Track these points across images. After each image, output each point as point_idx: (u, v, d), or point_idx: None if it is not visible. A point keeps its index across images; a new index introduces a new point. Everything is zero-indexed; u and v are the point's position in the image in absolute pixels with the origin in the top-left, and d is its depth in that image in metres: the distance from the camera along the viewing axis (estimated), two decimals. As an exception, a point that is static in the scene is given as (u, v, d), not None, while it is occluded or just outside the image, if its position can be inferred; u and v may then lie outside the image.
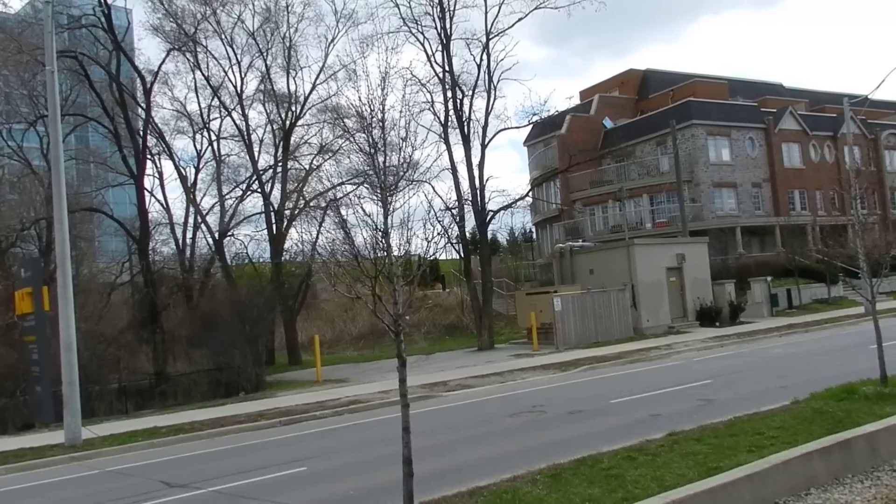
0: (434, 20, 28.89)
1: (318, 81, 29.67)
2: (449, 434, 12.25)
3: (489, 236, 64.68)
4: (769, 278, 32.95)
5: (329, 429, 14.27)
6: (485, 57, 29.15)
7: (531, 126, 51.16)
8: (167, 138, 30.36)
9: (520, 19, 28.59)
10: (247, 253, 32.54)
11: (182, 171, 31.04)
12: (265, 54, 28.83)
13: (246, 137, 29.92)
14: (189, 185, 30.90)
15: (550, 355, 24.32)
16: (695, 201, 40.78)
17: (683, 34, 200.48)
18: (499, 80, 29.65)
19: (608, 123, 47.25)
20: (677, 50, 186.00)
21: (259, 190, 29.78)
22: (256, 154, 30.86)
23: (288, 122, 29.56)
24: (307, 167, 32.40)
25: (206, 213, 31.19)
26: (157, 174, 31.17)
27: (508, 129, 29.33)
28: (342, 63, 30.26)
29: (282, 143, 29.83)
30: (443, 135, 29.74)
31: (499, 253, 61.81)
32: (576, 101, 46.33)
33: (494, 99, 29.53)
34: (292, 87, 30.26)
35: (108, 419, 17.99)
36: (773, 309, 32.67)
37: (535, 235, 54.05)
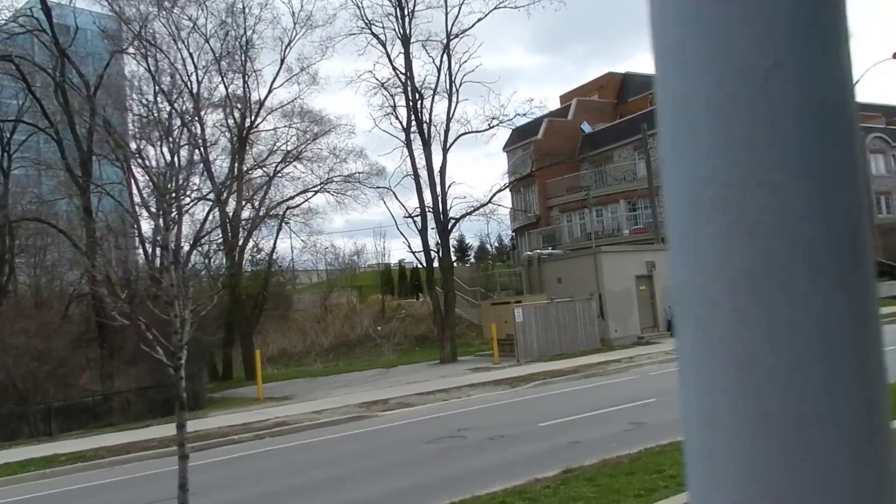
0: (395, 21, 28.05)
1: (274, 85, 28.75)
2: (355, 464, 11.23)
3: (456, 243, 63.96)
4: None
5: (239, 455, 13.23)
6: (446, 59, 28.29)
7: (511, 132, 50.51)
8: (140, 145, 29.32)
9: (479, 20, 27.71)
10: (206, 264, 31.40)
11: (136, 179, 30.00)
12: (219, 58, 27.88)
13: (201, 144, 28.88)
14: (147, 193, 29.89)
15: (509, 369, 23.30)
16: (672, 207, 39.81)
17: None
18: (461, 84, 28.79)
19: (586, 128, 46.37)
20: None
21: (213, 199, 28.68)
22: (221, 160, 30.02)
23: (245, 128, 28.59)
24: (270, 174, 31.58)
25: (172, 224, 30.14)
26: (126, 182, 30.23)
27: (469, 133, 28.39)
28: (301, 66, 29.51)
29: (237, 150, 28.84)
30: (405, 140, 28.86)
31: (486, 260, 60.97)
32: (550, 104, 45.55)
33: (457, 102, 28.66)
34: (252, 93, 29.34)
35: (24, 443, 16.95)
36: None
37: (515, 242, 53.10)
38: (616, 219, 41.19)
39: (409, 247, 29.02)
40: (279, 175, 31.29)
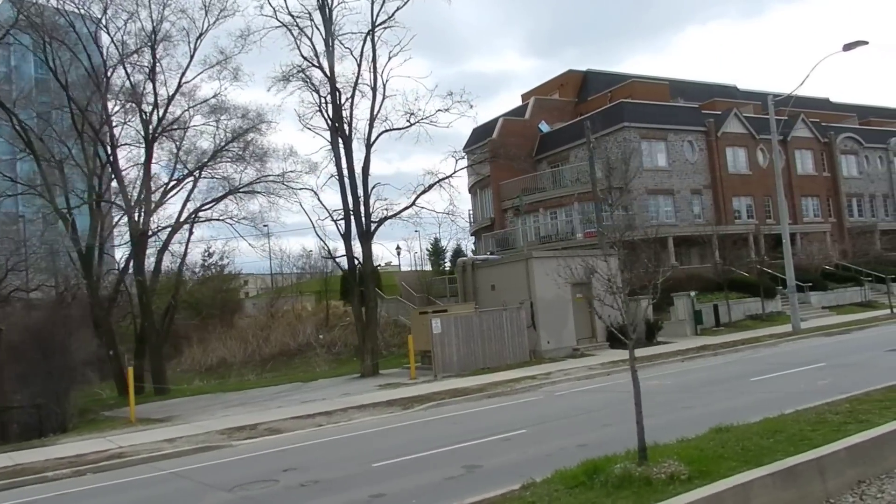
0: (318, 12, 26.16)
1: (183, 82, 26.84)
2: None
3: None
4: (693, 293, 30.12)
5: (29, 500, 11.31)
6: (369, 52, 26.42)
7: (471, 132, 48.66)
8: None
9: (398, 8, 25.78)
10: (117, 271, 29.49)
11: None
12: (123, 54, 25.98)
13: (108, 146, 26.98)
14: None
15: (420, 385, 21.41)
16: (627, 209, 38.02)
17: (670, 44, 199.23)
18: (388, 78, 26.92)
19: (544, 127, 44.60)
20: (664, 60, 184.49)
21: (122, 204, 26.83)
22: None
23: (151, 129, 26.64)
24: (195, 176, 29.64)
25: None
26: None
27: (391, 130, 26.45)
28: (216, 60, 27.62)
29: (146, 152, 26.91)
30: (331, 139, 26.97)
31: (440, 266, 58.96)
32: (510, 103, 43.68)
33: (383, 98, 26.80)
34: (162, 92, 27.40)
35: None
36: (698, 327, 29.85)
37: (473, 246, 51.25)
38: (570, 222, 39.36)
39: (329, 252, 27.14)
40: (202, 177, 29.36)
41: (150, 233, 26.59)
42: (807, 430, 8.93)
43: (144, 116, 26.58)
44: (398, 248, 55.59)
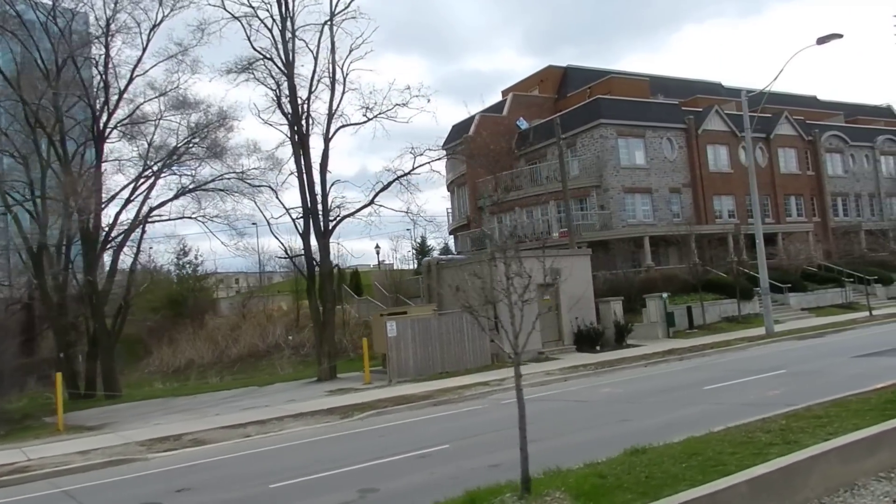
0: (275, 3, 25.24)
1: (135, 75, 25.90)
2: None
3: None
4: (665, 294, 29.26)
5: None
6: (328, 43, 25.51)
7: (451, 129, 47.77)
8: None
9: (358, -4, 24.85)
10: (72, 272, 28.49)
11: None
12: (72, 46, 25.01)
13: (57, 142, 26.00)
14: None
15: (373, 391, 20.57)
16: (603, 208, 37.20)
17: (668, 42, 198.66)
18: (348, 71, 25.97)
19: (522, 124, 43.68)
20: (662, 58, 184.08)
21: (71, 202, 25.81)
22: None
23: (101, 124, 25.68)
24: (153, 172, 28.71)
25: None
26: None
27: (348, 125, 25.58)
28: (171, 53, 26.67)
29: (96, 145, 25.94)
30: (290, 135, 26.07)
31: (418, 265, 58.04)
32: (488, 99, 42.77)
33: (344, 91, 25.91)
34: (122, 86, 26.44)
35: None
36: (670, 329, 28.99)
37: (452, 245, 50.42)
38: (547, 220, 38.50)
39: (287, 251, 26.23)
40: (163, 175, 28.39)
41: (101, 231, 25.62)
42: (726, 454, 8.06)
43: (94, 111, 25.62)
44: (377, 246, 54.48)
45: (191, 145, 28.48)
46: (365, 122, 24.96)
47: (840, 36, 24.16)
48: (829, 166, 48.63)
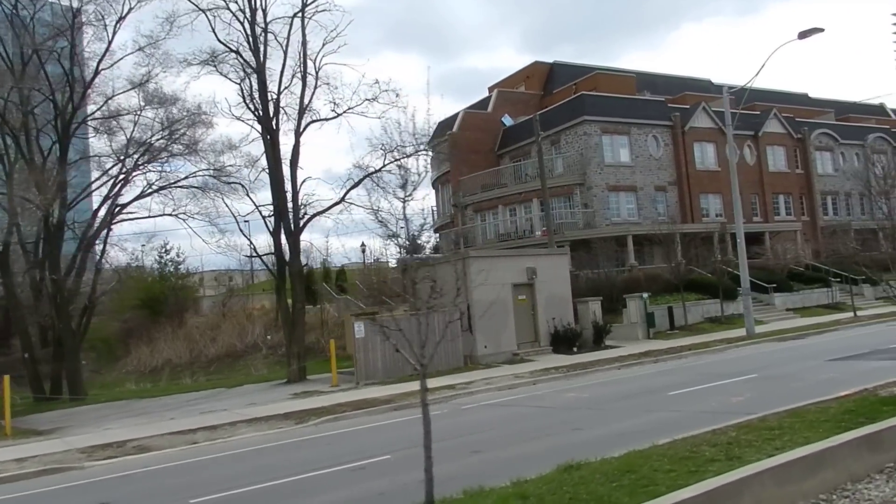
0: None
1: (101, 67, 25.25)
2: None
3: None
4: (645, 295, 28.69)
5: None
6: (299, 35, 24.90)
7: (436, 126, 47.10)
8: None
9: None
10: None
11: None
12: (35, 39, 24.35)
13: (22, 138, 25.35)
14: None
15: (337, 394, 20.01)
16: (587, 206, 36.63)
17: (666, 41, 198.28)
18: (321, 64, 25.34)
19: (507, 121, 43.10)
20: (660, 57, 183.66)
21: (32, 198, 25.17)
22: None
23: (67, 117, 25.04)
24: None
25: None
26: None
27: (319, 120, 24.94)
28: (139, 46, 26.03)
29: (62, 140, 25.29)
30: (261, 131, 25.45)
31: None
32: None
33: (316, 86, 25.28)
34: (82, 77, 25.78)
35: None
36: (651, 330, 28.43)
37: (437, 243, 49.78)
38: (530, 219, 37.92)
39: (255, 249, 25.63)
40: (134, 172, 27.76)
41: (64, 228, 25.01)
42: (662, 471, 7.49)
43: (57, 106, 24.98)
44: (363, 245, 53.69)
45: (162, 141, 27.89)
46: (334, 117, 24.40)
47: (821, 30, 23.60)
48: (818, 164, 48.11)
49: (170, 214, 28.46)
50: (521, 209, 38.21)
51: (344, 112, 23.93)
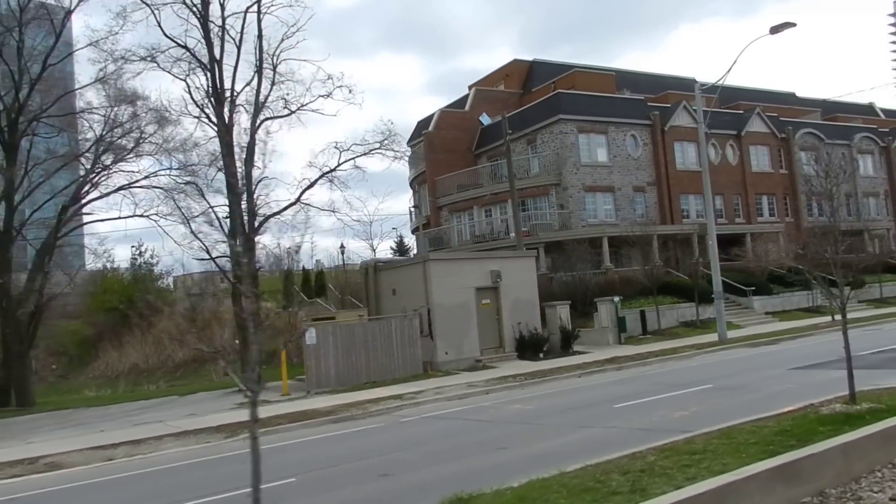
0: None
1: (49, 61, 24.34)
2: None
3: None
4: (616, 299, 27.84)
5: None
6: (255, 28, 24.02)
7: (415, 125, 46.25)
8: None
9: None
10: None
11: None
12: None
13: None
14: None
15: (285, 404, 19.15)
16: (563, 207, 35.80)
17: (664, 41, 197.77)
18: (278, 60, 24.44)
19: (485, 120, 42.25)
20: (658, 57, 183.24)
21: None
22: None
23: (12, 116, 24.14)
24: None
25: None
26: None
27: (273, 118, 24.10)
28: (91, 40, 25.13)
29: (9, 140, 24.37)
30: (218, 130, 24.56)
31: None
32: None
33: (273, 83, 24.41)
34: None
35: None
36: (622, 335, 27.59)
37: (415, 244, 48.97)
38: (505, 220, 37.07)
39: (208, 252, 24.73)
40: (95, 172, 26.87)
41: (13, 231, 24.11)
42: (554, 506, 6.66)
43: (4, 104, 24.08)
44: (342, 246, 52.90)
45: (125, 140, 27.02)
46: (287, 115, 23.54)
47: (793, 25, 22.81)
48: (804, 164, 47.27)
49: (140, 216, 27.63)
50: (496, 210, 37.38)
51: (297, 110, 23.09)
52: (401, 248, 65.56)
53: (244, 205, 24.35)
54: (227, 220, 24.61)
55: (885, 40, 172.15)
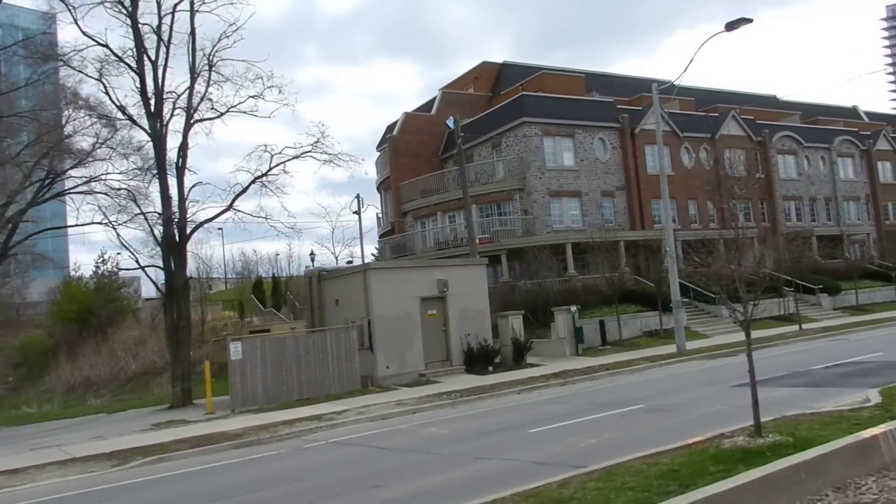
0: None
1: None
2: None
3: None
4: (573, 308, 26.65)
5: None
6: (180, 27, 22.86)
7: (385, 128, 45.09)
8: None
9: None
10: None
11: None
12: None
13: None
14: None
15: (201, 424, 17.90)
16: (527, 213, 34.65)
17: (659, 47, 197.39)
18: (215, 60, 23.27)
19: (452, 123, 41.03)
20: (653, 62, 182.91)
21: None
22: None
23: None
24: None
25: None
26: None
27: (203, 120, 22.89)
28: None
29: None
30: (150, 132, 23.38)
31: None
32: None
33: (208, 83, 23.24)
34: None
35: None
36: (580, 346, 26.41)
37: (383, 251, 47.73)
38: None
39: (137, 261, 23.52)
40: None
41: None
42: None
43: None
44: (312, 253, 51.57)
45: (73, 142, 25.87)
46: (216, 116, 22.35)
47: (749, 21, 21.79)
48: (781, 168, 46.28)
49: (98, 223, 26.41)
50: (460, 216, 36.19)
51: (225, 112, 21.90)
52: (384, 256, 64.33)
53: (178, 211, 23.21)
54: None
55: (878, 44, 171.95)
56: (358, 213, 38.27)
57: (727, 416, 11.71)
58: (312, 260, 51.00)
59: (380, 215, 44.53)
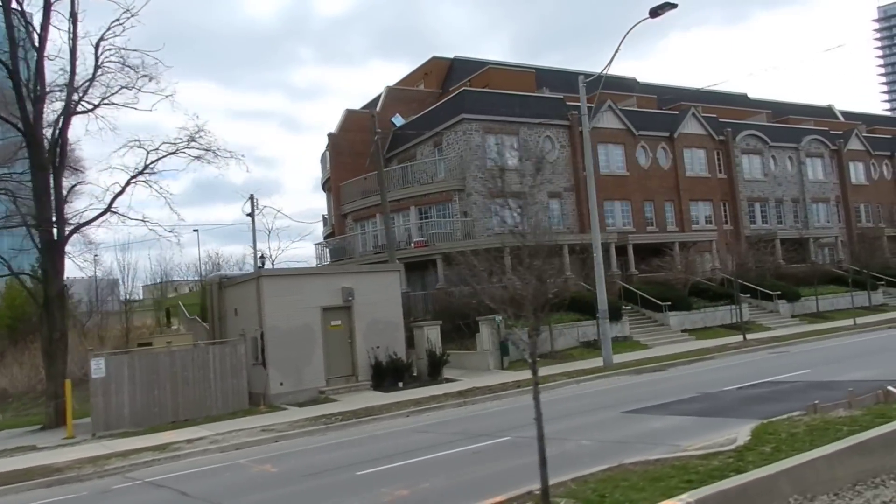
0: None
1: None
2: None
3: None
4: (499, 318, 24.76)
5: None
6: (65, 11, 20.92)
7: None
8: None
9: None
10: None
11: None
12: None
13: None
14: None
15: (50, 452, 16.02)
16: (466, 215, 32.80)
17: (654, 49, 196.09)
18: (103, 50, 21.32)
19: (398, 121, 39.22)
20: (649, 64, 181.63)
21: None
22: None
23: None
24: None
25: None
26: None
27: (76, 113, 20.94)
28: None
29: None
30: (23, 127, 21.41)
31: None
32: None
33: (95, 75, 21.31)
34: None
35: None
36: (505, 359, 24.56)
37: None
38: (408, 229, 34.03)
39: (10, 268, 21.54)
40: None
41: None
42: None
43: None
44: (262, 257, 49.39)
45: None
46: (90, 109, 20.39)
47: (674, 6, 19.97)
48: (745, 168, 44.52)
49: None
50: (399, 218, 34.31)
51: (98, 104, 19.99)
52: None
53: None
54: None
55: (870, 45, 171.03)
56: (252, 215, 36.30)
57: (587, 454, 10.05)
58: (262, 265, 48.97)
59: (324, 217, 42.61)
